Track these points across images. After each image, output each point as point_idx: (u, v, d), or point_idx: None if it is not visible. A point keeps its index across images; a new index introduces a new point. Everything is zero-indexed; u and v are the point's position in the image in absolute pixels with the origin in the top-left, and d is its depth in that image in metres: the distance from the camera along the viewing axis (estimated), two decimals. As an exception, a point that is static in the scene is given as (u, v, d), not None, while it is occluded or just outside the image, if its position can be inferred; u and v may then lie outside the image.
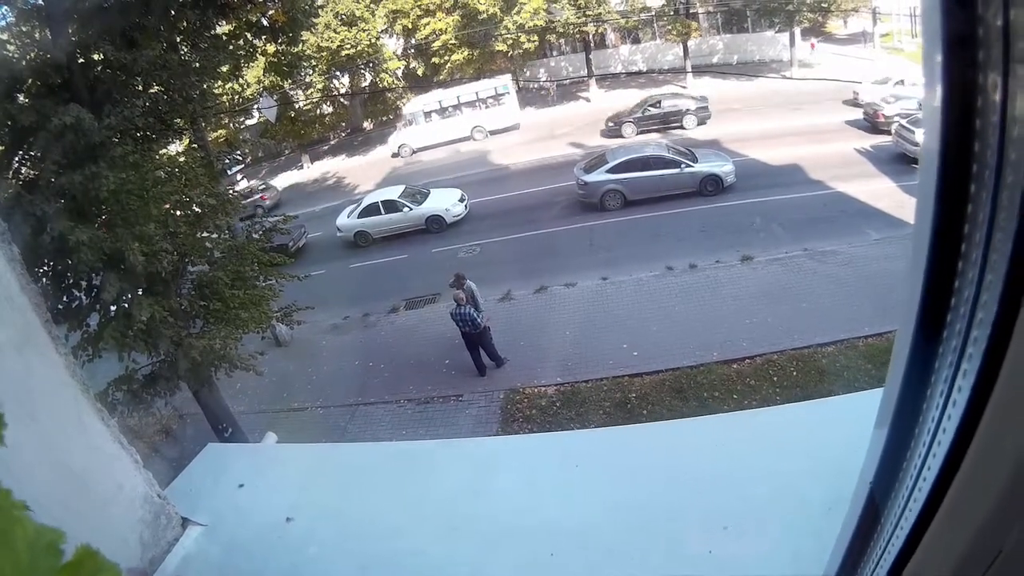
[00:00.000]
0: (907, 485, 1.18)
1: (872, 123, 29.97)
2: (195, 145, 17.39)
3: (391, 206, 29.18)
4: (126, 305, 12.95)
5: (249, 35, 18.22)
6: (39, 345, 2.10)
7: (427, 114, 41.00)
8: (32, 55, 12.82)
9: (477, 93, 41.63)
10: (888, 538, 1.29)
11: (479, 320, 17.40)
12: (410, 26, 41.36)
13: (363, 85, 45.21)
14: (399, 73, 45.19)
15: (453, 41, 40.40)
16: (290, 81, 36.41)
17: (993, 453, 0.91)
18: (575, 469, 2.64)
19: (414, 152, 41.46)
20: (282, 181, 43.23)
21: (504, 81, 42.16)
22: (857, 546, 1.50)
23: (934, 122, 0.88)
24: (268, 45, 20.88)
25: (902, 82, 31.83)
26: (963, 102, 0.83)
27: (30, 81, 12.60)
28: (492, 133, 40.68)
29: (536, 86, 48.68)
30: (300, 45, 25.40)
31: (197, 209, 14.49)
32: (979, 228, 0.84)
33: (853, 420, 1.80)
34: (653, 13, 44.48)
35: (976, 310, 0.87)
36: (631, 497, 2.42)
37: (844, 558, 1.58)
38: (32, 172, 12.82)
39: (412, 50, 43.98)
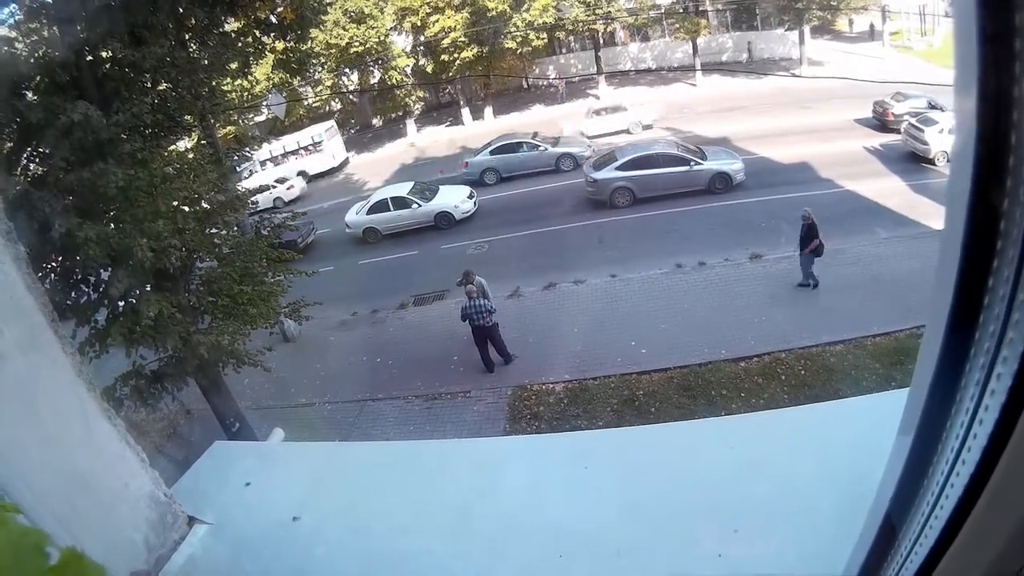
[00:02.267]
0: (930, 497, 1.15)
1: (881, 122, 29.99)
2: (204, 142, 17.42)
3: (400, 202, 29.29)
4: (134, 301, 12.98)
5: (258, 32, 18.27)
6: (45, 345, 2.09)
7: (262, 163, 41.92)
8: (40, 52, 12.81)
9: (298, 142, 43.34)
10: (909, 548, 1.27)
11: (492, 308, 17.48)
12: (419, 23, 41.24)
13: (372, 82, 45.20)
14: (408, 70, 45.18)
15: (462, 38, 40.31)
16: (299, 78, 36.39)
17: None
18: (584, 470, 2.62)
19: None
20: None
21: (321, 130, 43.67)
22: (874, 557, 1.48)
23: (968, 116, 0.85)
24: (277, 42, 20.91)
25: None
26: (999, 99, 0.81)
27: (38, 78, 12.60)
28: (313, 177, 42.37)
29: (546, 83, 48.70)
30: (309, 42, 25.38)
31: (206, 205, 14.53)
32: (1016, 224, 0.82)
33: (867, 423, 1.79)
34: (663, 10, 44.45)
35: (1016, 293, 0.84)
36: (640, 498, 2.41)
37: (861, 568, 1.56)
38: (40, 169, 12.83)
39: (421, 47, 43.91)
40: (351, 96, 47.02)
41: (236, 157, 18.53)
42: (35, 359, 2.03)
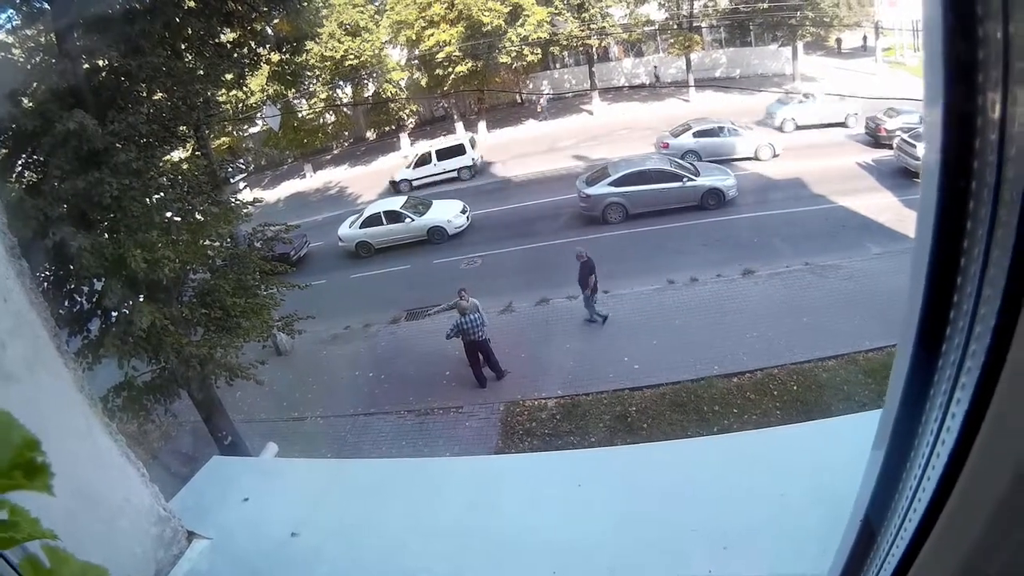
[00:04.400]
0: (903, 505, 1.19)
1: (874, 137, 30.05)
2: (198, 153, 17.39)
3: (393, 216, 29.24)
4: (127, 312, 12.95)
5: (253, 44, 18.23)
6: (49, 361, 2.11)
7: None
8: (37, 59, 12.83)
9: None
10: (884, 557, 1.31)
11: (485, 321, 17.56)
12: (414, 37, 41.15)
13: (366, 95, 45.17)
14: (402, 84, 45.19)
15: (457, 53, 40.29)
16: (294, 90, 36.36)
17: (989, 465, 0.93)
18: (578, 488, 2.65)
19: None
20: (284, 190, 43.33)
21: None
22: (853, 565, 1.51)
23: (935, 138, 0.90)
24: (272, 54, 20.86)
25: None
26: (963, 118, 0.85)
27: (35, 85, 12.61)
28: None
29: (537, 98, 48.64)
30: (304, 54, 25.35)
31: (199, 217, 14.51)
32: (978, 242, 0.86)
33: (852, 441, 1.81)
34: (656, 26, 44.54)
35: (975, 323, 0.88)
36: (633, 516, 2.44)
37: (843, 571, 1.59)
38: (35, 176, 12.83)
39: (416, 61, 43.87)
40: (345, 109, 46.94)
41: (230, 168, 18.51)
42: (39, 374, 2.06)
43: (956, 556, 1.06)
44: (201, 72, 15.49)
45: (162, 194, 13.42)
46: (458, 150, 37.64)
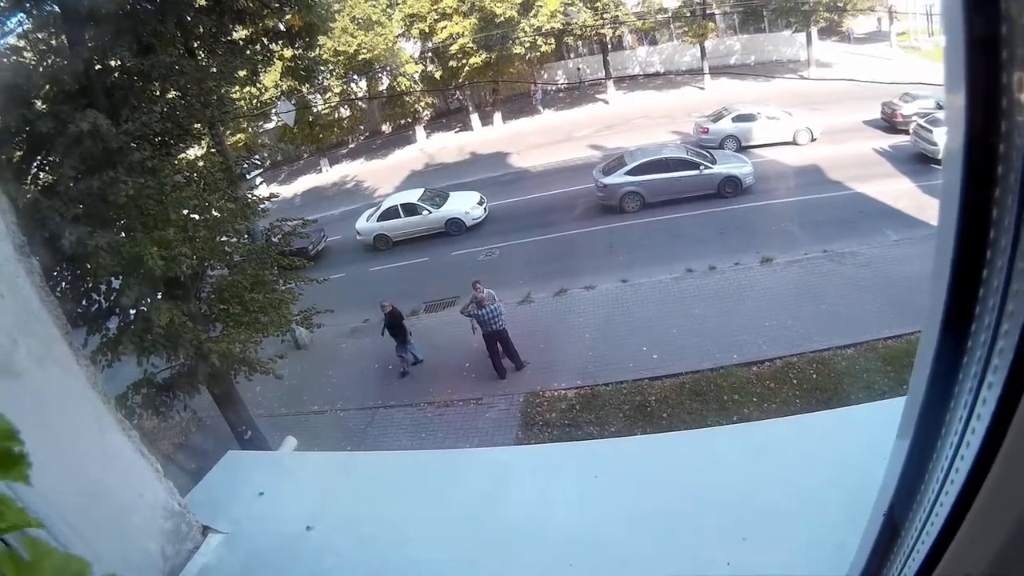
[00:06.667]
0: (929, 497, 1.16)
1: (890, 123, 29.83)
2: (213, 150, 17.42)
3: (410, 209, 29.26)
4: (145, 309, 13.00)
5: (266, 40, 18.27)
6: (60, 358, 2.11)
7: None
8: (49, 62, 12.86)
9: None
10: (909, 552, 1.28)
11: (504, 311, 17.60)
12: (427, 30, 41.10)
13: (381, 89, 45.14)
14: (416, 77, 45.14)
15: (470, 45, 40.22)
16: (308, 85, 36.36)
17: (1022, 463, 0.89)
18: (593, 479, 2.63)
19: None
20: (301, 185, 43.45)
21: None
22: (876, 560, 1.48)
23: (958, 120, 0.86)
24: (285, 50, 20.88)
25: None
26: (987, 101, 0.82)
27: (47, 87, 12.64)
28: None
29: (534, 90, 48.47)
30: (317, 49, 25.35)
31: (216, 213, 14.54)
32: (1008, 212, 0.82)
33: (873, 430, 1.79)
34: (670, 14, 44.32)
35: (1005, 304, 0.85)
36: (649, 507, 2.42)
37: (864, 568, 1.56)
38: (51, 178, 12.86)
39: (429, 54, 43.83)
40: (360, 103, 46.94)
41: (246, 165, 18.54)
42: (50, 371, 2.05)
43: (987, 553, 1.02)
44: (214, 69, 15.49)
45: (178, 192, 13.42)
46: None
